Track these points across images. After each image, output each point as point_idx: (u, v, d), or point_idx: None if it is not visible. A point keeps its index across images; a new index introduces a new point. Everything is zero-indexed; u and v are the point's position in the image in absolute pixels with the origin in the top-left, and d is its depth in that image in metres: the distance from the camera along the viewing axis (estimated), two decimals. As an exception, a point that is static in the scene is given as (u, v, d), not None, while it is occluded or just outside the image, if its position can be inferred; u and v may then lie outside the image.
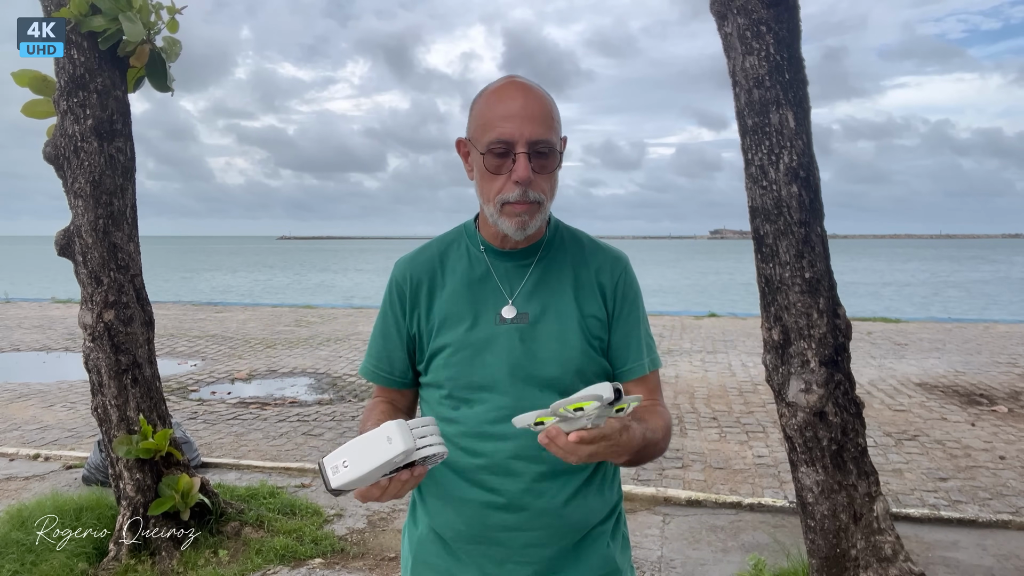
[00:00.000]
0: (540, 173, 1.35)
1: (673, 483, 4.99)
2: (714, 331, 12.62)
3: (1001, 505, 4.56)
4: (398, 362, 1.51)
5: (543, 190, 1.36)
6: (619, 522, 1.54)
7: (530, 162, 1.33)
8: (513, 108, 1.34)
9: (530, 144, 1.33)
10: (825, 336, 3.00)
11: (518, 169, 1.33)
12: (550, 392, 1.38)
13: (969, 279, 41.32)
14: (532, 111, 1.34)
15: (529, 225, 1.37)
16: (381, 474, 1.13)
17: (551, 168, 1.36)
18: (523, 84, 1.39)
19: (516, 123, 1.33)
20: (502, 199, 1.35)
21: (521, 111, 1.34)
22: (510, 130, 1.32)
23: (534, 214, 1.36)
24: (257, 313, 15.64)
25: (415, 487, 1.24)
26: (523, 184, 1.33)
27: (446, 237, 1.54)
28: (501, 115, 1.34)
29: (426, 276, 1.49)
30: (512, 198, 1.35)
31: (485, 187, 1.39)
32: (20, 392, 7.95)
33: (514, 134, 1.32)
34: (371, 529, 4.24)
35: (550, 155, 1.36)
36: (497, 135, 1.33)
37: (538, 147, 1.34)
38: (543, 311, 1.42)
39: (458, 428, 1.43)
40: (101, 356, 3.66)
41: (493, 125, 1.34)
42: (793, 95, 2.96)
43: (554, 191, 1.41)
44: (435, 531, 1.49)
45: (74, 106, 3.55)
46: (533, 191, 1.35)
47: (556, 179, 1.41)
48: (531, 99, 1.36)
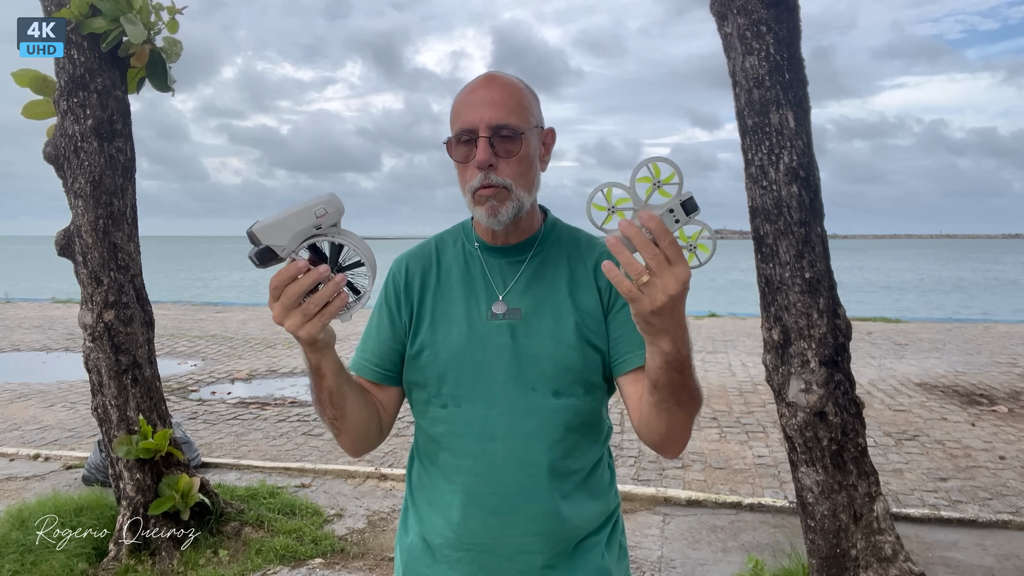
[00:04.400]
0: (504, 157, 1.32)
1: (673, 483, 4.99)
2: (714, 331, 12.62)
3: (1001, 505, 4.56)
4: (387, 353, 1.46)
5: (508, 175, 1.33)
6: (615, 530, 1.48)
7: (492, 147, 1.31)
8: (476, 97, 1.34)
9: (491, 128, 1.31)
10: (825, 336, 3.00)
11: (478, 153, 1.31)
12: (542, 390, 1.35)
13: (969, 279, 41.33)
14: (493, 97, 1.33)
15: (500, 211, 1.33)
16: (300, 228, 1.05)
17: (515, 152, 1.33)
18: (491, 75, 1.39)
19: (477, 109, 1.32)
20: (470, 187, 1.34)
21: (483, 98, 1.33)
22: (472, 117, 1.32)
23: (503, 200, 1.33)
24: (257, 313, 15.65)
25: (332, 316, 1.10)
26: (482, 168, 1.31)
27: (444, 234, 1.53)
28: (466, 105, 1.34)
29: (420, 270, 1.47)
30: (476, 183, 1.33)
31: (459, 179, 1.38)
32: (20, 392, 7.95)
33: (475, 120, 1.32)
34: (371, 529, 4.24)
35: (514, 139, 1.32)
36: (461, 124, 1.34)
37: (501, 132, 1.31)
38: (536, 307, 1.39)
39: (447, 428, 1.39)
40: (101, 356, 3.66)
41: (459, 115, 1.35)
42: (793, 95, 2.96)
43: (528, 179, 1.36)
44: (425, 539, 1.44)
45: (74, 106, 3.55)
46: (496, 175, 1.32)
47: (529, 166, 1.36)
48: (494, 87, 1.35)
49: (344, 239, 1.09)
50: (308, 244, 1.07)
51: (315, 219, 1.06)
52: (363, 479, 5.04)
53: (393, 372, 1.47)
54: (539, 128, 1.40)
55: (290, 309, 1.08)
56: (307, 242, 1.07)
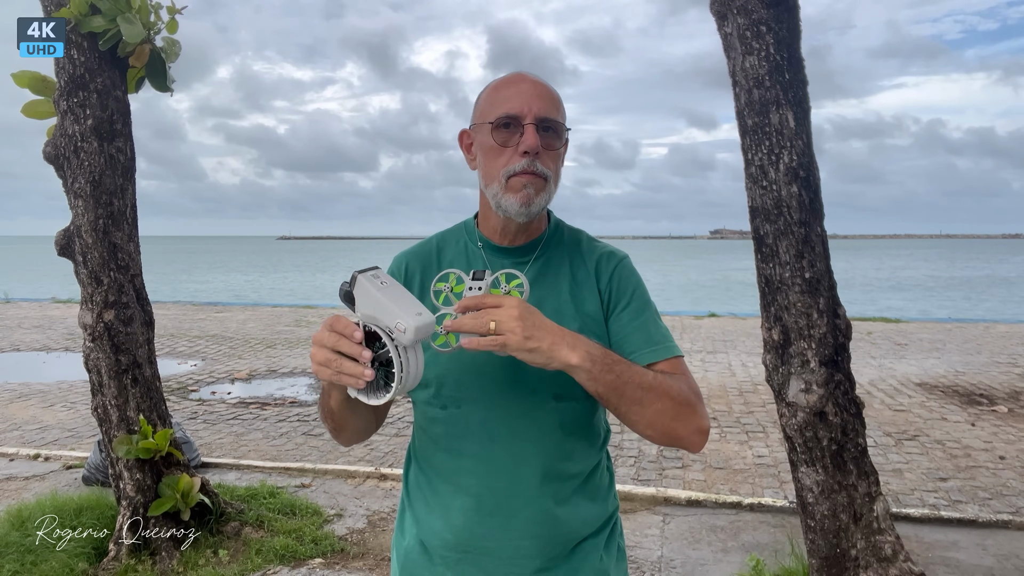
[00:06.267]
0: (546, 150, 1.34)
1: (673, 483, 4.99)
2: (714, 331, 12.62)
3: (1001, 505, 4.56)
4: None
5: (549, 167, 1.35)
6: (614, 533, 1.48)
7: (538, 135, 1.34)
8: (522, 88, 1.36)
9: (538, 119, 1.33)
10: (825, 336, 3.00)
11: (527, 138, 1.32)
12: (542, 393, 1.35)
13: (969, 279, 41.32)
14: (540, 91, 1.36)
15: (534, 202, 1.34)
16: (380, 317, 1.13)
17: (556, 147, 1.36)
18: (524, 73, 1.41)
19: (525, 98, 1.34)
20: (508, 171, 1.34)
21: (530, 90, 1.36)
22: (519, 105, 1.34)
23: (540, 190, 1.34)
24: (257, 313, 15.65)
25: (344, 382, 1.17)
26: (531, 153, 1.32)
27: (446, 232, 1.53)
28: (510, 94, 1.36)
29: (420, 269, 1.47)
30: (518, 167, 1.33)
31: (490, 165, 1.37)
32: (20, 392, 7.95)
33: (523, 108, 1.33)
34: (371, 529, 4.24)
35: (558, 134, 1.36)
36: (506, 109, 1.34)
37: (545, 123, 1.34)
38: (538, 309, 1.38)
39: (445, 429, 1.39)
40: (101, 356, 3.66)
41: (501, 103, 1.35)
42: (793, 95, 2.96)
43: (558, 176, 1.39)
44: (421, 541, 1.44)
45: (74, 106, 3.55)
46: (540, 164, 1.33)
47: (561, 164, 1.39)
48: (539, 83, 1.38)
49: (396, 358, 1.14)
50: (372, 330, 1.15)
51: (394, 325, 1.13)
52: (363, 479, 5.04)
53: None
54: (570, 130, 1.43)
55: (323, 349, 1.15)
56: (373, 328, 1.15)
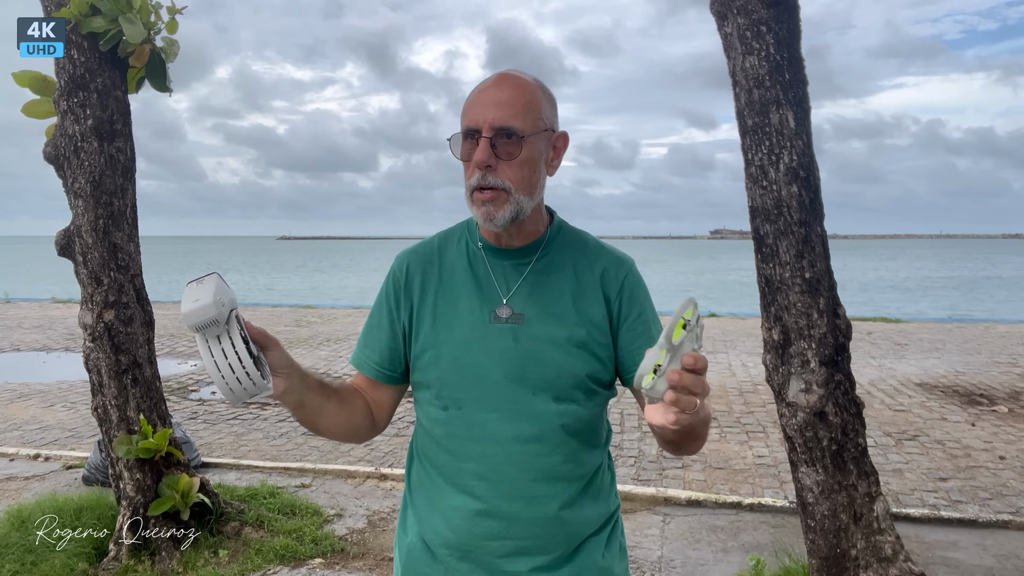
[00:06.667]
0: (505, 160, 1.31)
1: (673, 483, 4.99)
2: (714, 331, 12.61)
3: (1001, 505, 4.56)
4: (386, 352, 1.46)
5: (508, 177, 1.32)
6: (615, 531, 1.48)
7: (494, 148, 1.31)
8: (484, 96, 1.34)
9: (494, 129, 1.30)
10: (825, 336, 3.00)
11: (476, 152, 1.31)
12: (543, 395, 1.34)
13: (969, 279, 41.32)
14: (500, 97, 1.32)
15: (496, 215, 1.32)
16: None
17: (514, 155, 1.31)
18: (504, 74, 1.37)
19: (482, 109, 1.32)
20: (469, 186, 1.34)
21: (490, 98, 1.33)
22: (476, 115, 1.32)
23: (501, 204, 1.32)
24: (257, 313, 15.63)
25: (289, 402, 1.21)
26: (480, 167, 1.31)
27: (449, 232, 1.52)
28: (472, 104, 1.34)
29: (421, 269, 1.46)
30: (473, 183, 1.32)
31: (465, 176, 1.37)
32: (20, 392, 7.95)
33: (478, 119, 1.32)
34: (371, 529, 4.24)
35: (515, 142, 1.31)
36: (467, 122, 1.34)
37: (503, 133, 1.30)
38: (540, 312, 1.38)
39: (447, 430, 1.39)
40: (101, 356, 3.66)
41: (466, 114, 1.35)
42: (793, 95, 2.96)
43: (530, 183, 1.35)
44: (423, 539, 1.44)
45: (74, 106, 3.55)
46: (494, 176, 1.31)
47: (532, 170, 1.35)
48: (504, 87, 1.34)
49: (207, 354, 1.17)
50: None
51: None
52: (363, 479, 5.04)
53: (391, 371, 1.47)
54: (549, 131, 1.38)
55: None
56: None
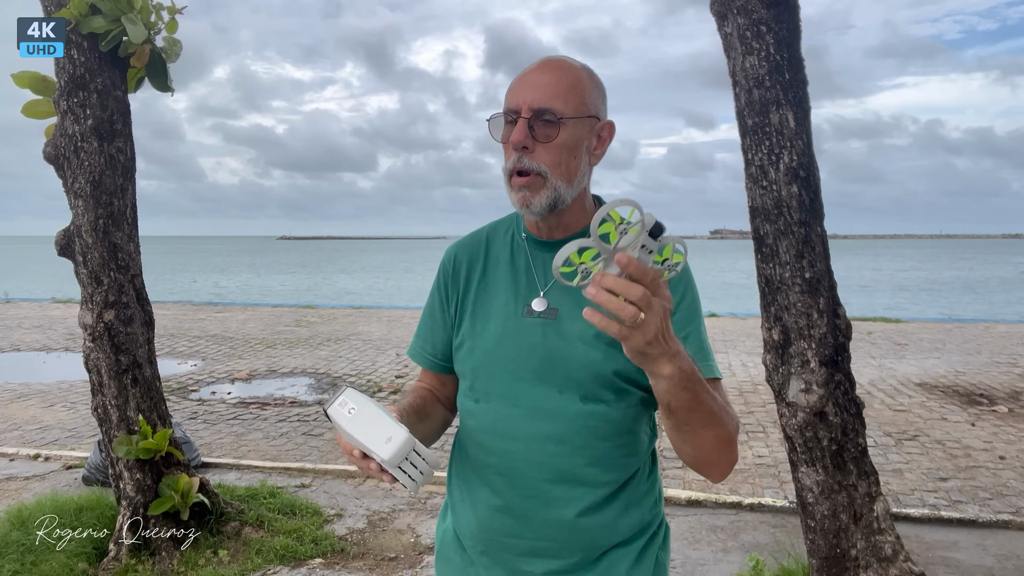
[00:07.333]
0: (543, 142, 1.27)
1: (673, 483, 4.99)
2: (714, 331, 12.62)
3: (1001, 505, 4.56)
4: (440, 344, 1.47)
5: (545, 161, 1.28)
6: (650, 545, 1.41)
7: (532, 130, 1.27)
8: (526, 78, 1.32)
9: (533, 111, 1.27)
10: (825, 336, 3.00)
11: (513, 133, 1.28)
12: (569, 394, 1.31)
13: (969, 279, 41.32)
14: (541, 80, 1.30)
15: (532, 202, 1.29)
16: (359, 447, 1.15)
17: (552, 137, 1.27)
18: (550, 58, 1.35)
19: (523, 89, 1.30)
20: (506, 168, 1.31)
21: (531, 80, 1.31)
22: (516, 97, 1.30)
23: (537, 189, 1.28)
24: (257, 313, 15.64)
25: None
26: (516, 149, 1.28)
27: (499, 222, 1.51)
28: (515, 85, 1.33)
29: (468, 260, 1.46)
30: (509, 165, 1.30)
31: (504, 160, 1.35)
32: (20, 392, 7.95)
33: (518, 101, 1.29)
34: (371, 529, 4.24)
35: (553, 124, 1.27)
36: (507, 104, 1.32)
37: (543, 115, 1.27)
38: (573, 308, 1.34)
39: (477, 422, 1.39)
40: (101, 356, 3.66)
41: (508, 96, 1.33)
42: (793, 95, 2.96)
43: (569, 169, 1.30)
44: (455, 529, 1.47)
45: (74, 106, 3.55)
46: (531, 159, 1.27)
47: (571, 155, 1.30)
48: (547, 69, 1.31)
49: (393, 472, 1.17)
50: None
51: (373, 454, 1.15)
52: (363, 479, 5.04)
53: (444, 362, 1.48)
54: (593, 118, 1.33)
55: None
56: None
